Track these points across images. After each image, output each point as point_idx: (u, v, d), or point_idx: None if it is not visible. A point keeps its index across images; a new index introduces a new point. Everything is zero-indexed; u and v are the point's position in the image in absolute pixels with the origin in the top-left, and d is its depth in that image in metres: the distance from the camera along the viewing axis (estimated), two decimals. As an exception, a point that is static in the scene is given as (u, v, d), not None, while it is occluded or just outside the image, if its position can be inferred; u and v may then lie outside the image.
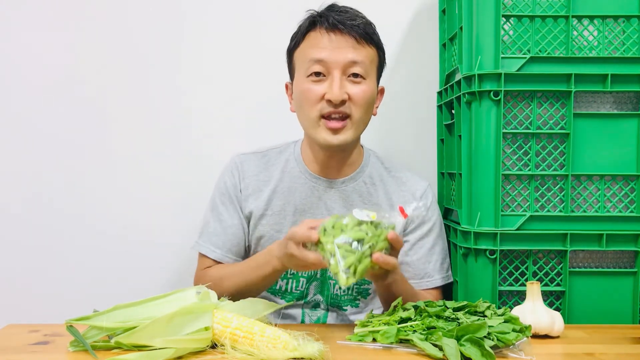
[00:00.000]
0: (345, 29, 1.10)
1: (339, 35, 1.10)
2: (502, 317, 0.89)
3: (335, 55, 1.10)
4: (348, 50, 1.10)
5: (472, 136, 1.12)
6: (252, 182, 1.21)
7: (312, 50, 1.11)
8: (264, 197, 1.20)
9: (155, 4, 1.52)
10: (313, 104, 1.10)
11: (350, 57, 1.10)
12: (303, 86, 1.12)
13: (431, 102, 1.46)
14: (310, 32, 1.13)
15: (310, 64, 1.11)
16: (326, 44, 1.10)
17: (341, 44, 1.10)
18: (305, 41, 1.14)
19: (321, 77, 1.11)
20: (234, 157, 1.25)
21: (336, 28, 1.10)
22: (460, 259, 1.16)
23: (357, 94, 1.11)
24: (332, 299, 1.22)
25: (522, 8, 1.12)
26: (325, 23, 1.11)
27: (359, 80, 1.11)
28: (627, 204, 1.12)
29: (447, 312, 0.93)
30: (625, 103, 1.13)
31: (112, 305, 0.91)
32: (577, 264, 1.13)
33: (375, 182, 1.22)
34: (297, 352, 0.82)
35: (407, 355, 0.88)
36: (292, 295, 1.21)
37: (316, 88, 1.10)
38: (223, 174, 1.24)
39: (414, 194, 1.22)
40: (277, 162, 1.23)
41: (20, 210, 1.53)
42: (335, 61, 1.10)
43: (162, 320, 0.86)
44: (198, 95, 1.53)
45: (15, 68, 1.52)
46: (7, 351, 0.89)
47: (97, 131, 1.53)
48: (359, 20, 1.12)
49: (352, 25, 1.10)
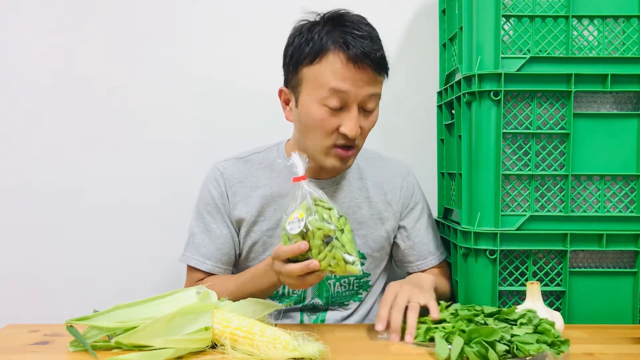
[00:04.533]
0: (368, 62, 1.03)
1: (360, 69, 1.03)
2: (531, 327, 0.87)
3: (356, 90, 1.04)
4: (367, 85, 1.05)
5: (472, 136, 1.12)
6: (238, 189, 1.18)
7: (332, 79, 1.03)
8: (254, 203, 1.17)
9: (156, 5, 1.52)
10: (327, 134, 1.07)
11: (370, 92, 1.06)
12: (317, 114, 1.05)
13: (431, 102, 1.46)
14: (329, 55, 1.04)
15: (329, 94, 1.04)
16: (349, 76, 1.03)
17: (362, 77, 1.04)
18: (323, 63, 1.04)
19: (337, 108, 1.05)
20: (216, 165, 1.22)
21: (360, 61, 1.03)
22: (460, 259, 1.16)
23: (367, 125, 1.09)
24: (333, 298, 1.22)
25: (522, 8, 1.12)
26: (352, 52, 1.02)
27: (369, 113, 1.09)
28: (627, 204, 1.12)
29: (479, 317, 0.93)
30: (625, 103, 1.13)
31: (112, 305, 0.91)
32: (577, 264, 1.13)
33: (363, 175, 1.23)
34: (297, 352, 0.82)
35: (416, 355, 0.88)
36: (290, 299, 1.21)
37: (332, 119, 1.05)
38: (206, 183, 1.21)
39: (400, 177, 1.25)
40: (262, 166, 1.20)
41: (20, 210, 1.53)
42: (355, 95, 1.04)
43: (162, 320, 0.86)
44: (199, 95, 1.53)
45: (15, 67, 1.52)
46: (7, 351, 0.89)
47: (97, 131, 1.53)
48: (379, 50, 1.06)
49: (375, 59, 1.04)
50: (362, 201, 1.21)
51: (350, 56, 1.02)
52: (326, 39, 1.04)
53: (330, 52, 1.04)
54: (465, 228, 1.13)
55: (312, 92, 1.06)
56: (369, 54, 1.03)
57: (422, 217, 1.27)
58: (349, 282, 1.22)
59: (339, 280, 1.21)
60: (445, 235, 1.28)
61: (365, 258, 1.23)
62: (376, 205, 1.22)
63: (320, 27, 1.06)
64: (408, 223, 1.25)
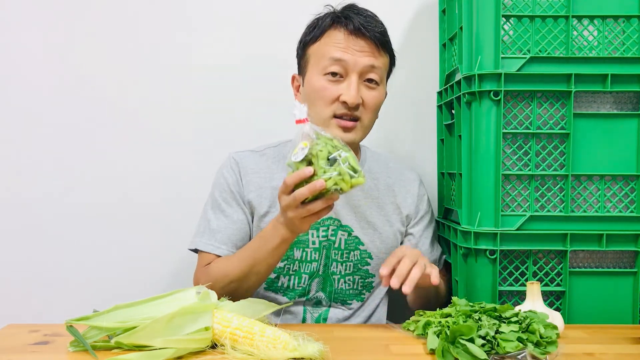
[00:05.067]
0: (368, 34, 1.11)
1: (360, 39, 1.12)
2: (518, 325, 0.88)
3: (355, 58, 1.11)
4: (368, 55, 1.12)
5: (472, 136, 1.12)
6: (253, 179, 1.20)
7: (333, 49, 1.12)
8: (267, 195, 1.19)
9: (157, 4, 1.52)
10: (327, 103, 1.12)
11: (369, 62, 1.12)
12: (318, 83, 1.12)
13: (431, 102, 1.46)
14: (331, 30, 1.14)
15: (329, 63, 1.11)
16: (348, 45, 1.11)
17: (363, 47, 1.12)
18: (325, 38, 1.14)
19: (338, 78, 1.12)
20: (231, 154, 1.24)
21: (359, 32, 1.11)
22: (460, 259, 1.16)
23: (370, 99, 1.13)
24: (336, 294, 1.22)
25: (522, 8, 1.12)
26: (350, 25, 1.11)
27: (374, 86, 1.14)
28: (627, 204, 1.12)
29: (475, 314, 0.93)
30: (625, 103, 1.13)
31: (112, 305, 0.91)
32: (577, 264, 1.13)
33: (375, 175, 1.25)
34: (297, 352, 0.82)
35: (416, 355, 0.88)
36: (295, 292, 1.21)
37: (332, 88, 1.12)
38: (221, 171, 1.23)
39: (413, 183, 1.28)
40: (277, 160, 1.23)
41: (20, 210, 1.53)
42: (354, 64, 1.11)
43: (162, 320, 0.85)
44: (201, 91, 1.53)
45: (14, 67, 1.52)
46: (7, 351, 0.89)
47: (96, 131, 1.53)
48: (379, 26, 1.13)
49: (374, 31, 1.12)
50: (371, 201, 1.23)
51: (348, 29, 1.11)
52: (328, 19, 1.15)
53: (332, 28, 1.14)
54: (465, 228, 1.13)
55: (316, 65, 1.14)
56: (367, 26, 1.11)
57: (430, 228, 1.30)
58: (353, 280, 1.23)
59: (344, 277, 1.22)
60: (445, 235, 1.28)
61: (372, 258, 1.23)
62: (385, 207, 1.24)
63: (327, 14, 1.17)
64: (417, 231, 1.27)
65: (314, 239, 1.19)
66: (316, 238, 1.19)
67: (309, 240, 1.19)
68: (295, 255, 1.19)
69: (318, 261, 1.20)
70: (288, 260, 1.19)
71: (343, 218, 1.21)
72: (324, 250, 1.20)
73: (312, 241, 1.19)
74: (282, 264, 1.19)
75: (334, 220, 1.20)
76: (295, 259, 1.19)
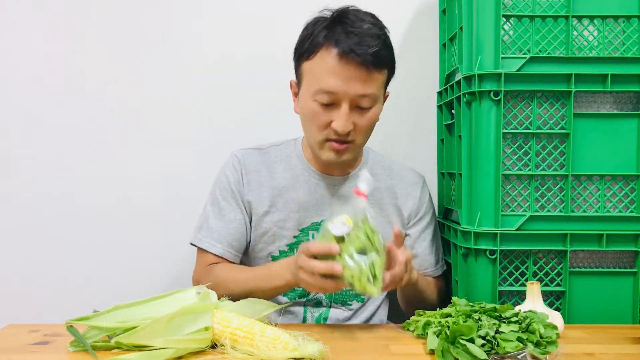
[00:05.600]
0: (358, 59, 1.03)
1: (351, 65, 1.04)
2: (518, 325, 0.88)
3: (345, 88, 1.05)
4: (358, 83, 1.05)
5: (472, 136, 1.12)
6: (254, 177, 1.21)
7: (323, 78, 1.06)
8: (267, 194, 1.20)
9: (158, 4, 1.52)
10: (320, 129, 1.10)
11: (360, 91, 1.06)
12: (310, 107, 1.09)
13: (431, 102, 1.46)
14: (323, 50, 1.06)
15: (320, 92, 1.06)
16: (338, 72, 1.04)
17: (353, 74, 1.04)
18: (317, 58, 1.07)
19: (329, 105, 1.08)
20: (235, 152, 1.24)
21: (349, 57, 1.03)
22: (460, 259, 1.16)
23: (362, 123, 1.10)
24: (336, 295, 1.22)
25: (522, 8, 1.12)
26: (341, 47, 1.03)
27: (366, 110, 1.10)
28: (627, 204, 1.12)
29: (475, 314, 0.93)
30: (625, 103, 1.13)
31: (112, 305, 0.91)
32: (577, 264, 1.13)
33: (376, 177, 1.24)
34: (297, 352, 0.82)
35: (416, 355, 0.88)
36: (295, 293, 1.21)
37: (324, 114, 1.08)
38: (224, 168, 1.23)
39: (415, 186, 1.27)
40: (279, 159, 1.23)
41: (20, 210, 1.53)
42: (344, 94, 1.06)
43: (162, 320, 0.85)
44: (201, 91, 1.53)
45: (15, 67, 1.52)
46: (7, 351, 0.89)
47: (96, 131, 1.53)
48: (374, 43, 1.04)
49: (365, 55, 1.03)
50: (373, 202, 1.21)
51: (338, 52, 1.04)
52: (321, 35, 1.07)
53: (323, 48, 1.06)
54: (465, 228, 1.13)
55: (308, 86, 1.09)
56: (357, 51, 1.03)
57: (428, 229, 1.27)
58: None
59: None
60: (445, 235, 1.28)
61: None
62: (386, 208, 1.24)
63: (322, 23, 1.09)
64: (414, 232, 1.26)
65: (313, 240, 1.20)
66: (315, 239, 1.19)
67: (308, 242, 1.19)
68: None
69: None
70: None
71: None
72: None
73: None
74: None
75: None
76: None
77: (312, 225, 1.20)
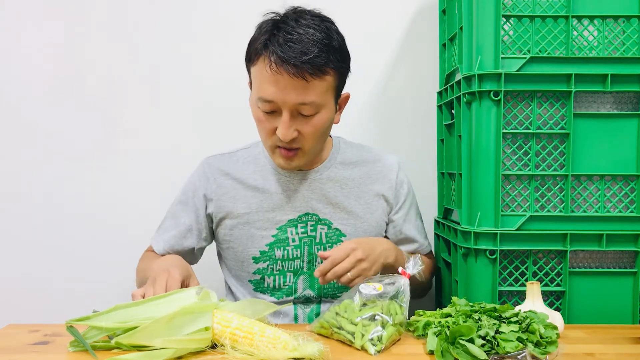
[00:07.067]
0: (293, 69, 0.99)
1: (285, 74, 1.00)
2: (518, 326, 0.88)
3: (282, 97, 1.02)
4: (295, 93, 1.02)
5: (472, 136, 1.12)
6: (225, 181, 1.21)
7: (263, 86, 1.04)
8: (240, 196, 1.20)
9: (156, 8, 1.52)
10: (268, 135, 1.10)
11: (298, 100, 1.03)
12: (256, 113, 1.09)
13: (431, 102, 1.47)
14: (262, 57, 1.03)
15: (260, 100, 1.05)
16: (274, 81, 1.02)
17: (288, 83, 1.01)
18: (258, 65, 1.05)
19: (272, 112, 1.07)
20: (204, 160, 1.26)
21: (282, 66, 1.00)
22: (460, 259, 1.16)
23: (307, 130, 1.07)
24: (325, 289, 1.22)
25: (522, 8, 1.12)
26: (274, 56, 1.00)
27: (310, 117, 1.07)
28: (627, 204, 1.12)
29: (475, 314, 0.93)
30: (625, 103, 1.13)
31: (112, 305, 0.91)
32: (577, 264, 1.13)
33: (350, 165, 1.24)
34: (297, 352, 0.82)
35: (416, 355, 0.88)
36: (282, 292, 1.21)
37: (268, 121, 1.07)
38: (193, 175, 1.26)
39: (392, 171, 1.26)
40: (248, 161, 1.23)
41: (20, 211, 1.53)
42: (283, 102, 1.03)
43: (162, 320, 0.86)
44: (200, 94, 1.53)
45: (11, 71, 1.52)
46: (7, 351, 0.89)
47: (96, 131, 1.53)
48: (311, 50, 1.00)
49: (301, 63, 0.99)
50: (348, 191, 1.22)
51: (275, 60, 1.01)
52: (261, 42, 1.04)
53: (261, 56, 1.04)
54: (465, 228, 1.13)
55: (253, 92, 1.09)
56: (290, 61, 0.99)
57: (411, 211, 1.29)
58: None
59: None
60: (445, 235, 1.28)
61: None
62: (363, 195, 1.23)
63: (265, 28, 1.05)
64: (399, 217, 1.27)
65: (293, 237, 1.19)
66: (295, 235, 1.19)
67: (288, 239, 1.19)
68: (277, 254, 1.19)
69: (301, 258, 1.20)
70: (270, 261, 1.19)
71: (320, 212, 1.20)
72: (305, 247, 1.20)
73: (292, 239, 1.19)
74: (265, 264, 1.20)
75: (312, 216, 1.20)
76: (277, 258, 1.19)
77: (289, 222, 1.20)
